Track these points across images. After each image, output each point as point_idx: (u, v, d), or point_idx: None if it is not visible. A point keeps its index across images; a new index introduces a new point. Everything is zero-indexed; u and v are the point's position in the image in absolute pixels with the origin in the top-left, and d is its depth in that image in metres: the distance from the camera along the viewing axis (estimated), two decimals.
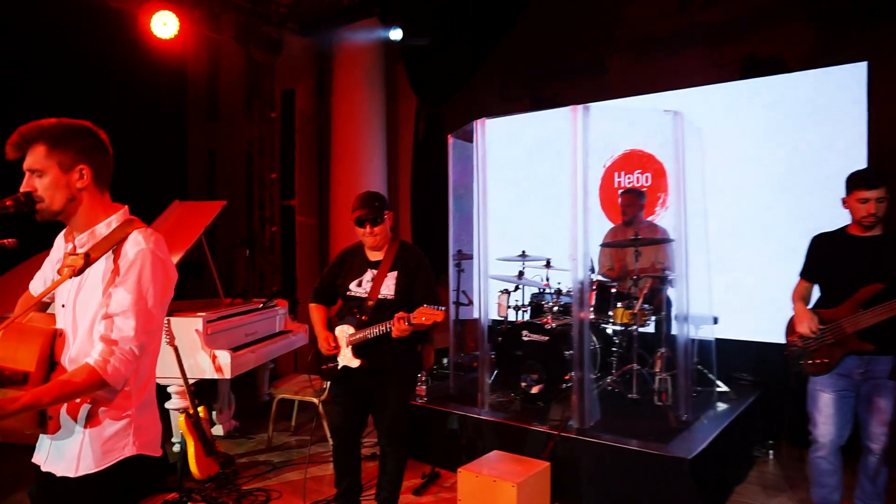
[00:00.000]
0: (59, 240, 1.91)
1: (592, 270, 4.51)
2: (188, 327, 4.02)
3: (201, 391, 4.11)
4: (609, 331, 4.52)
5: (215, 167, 8.87)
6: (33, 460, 1.80)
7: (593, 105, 3.71)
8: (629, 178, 5.47)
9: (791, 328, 3.06)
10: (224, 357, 4.02)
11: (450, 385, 4.73)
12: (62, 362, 1.72)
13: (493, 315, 4.80)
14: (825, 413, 2.97)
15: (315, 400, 4.39)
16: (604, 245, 4.87)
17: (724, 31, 5.81)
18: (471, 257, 4.99)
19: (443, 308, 2.70)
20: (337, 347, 3.11)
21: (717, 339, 4.54)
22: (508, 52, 6.79)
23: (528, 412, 4.06)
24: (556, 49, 6.85)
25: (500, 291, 4.93)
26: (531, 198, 5.92)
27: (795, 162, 4.63)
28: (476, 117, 6.51)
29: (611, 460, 3.46)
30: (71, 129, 1.72)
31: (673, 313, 4.31)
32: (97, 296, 1.69)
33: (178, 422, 3.79)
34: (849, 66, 4.41)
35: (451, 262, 5.00)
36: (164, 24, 5.41)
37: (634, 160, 5.45)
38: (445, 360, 5.37)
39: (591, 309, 4.20)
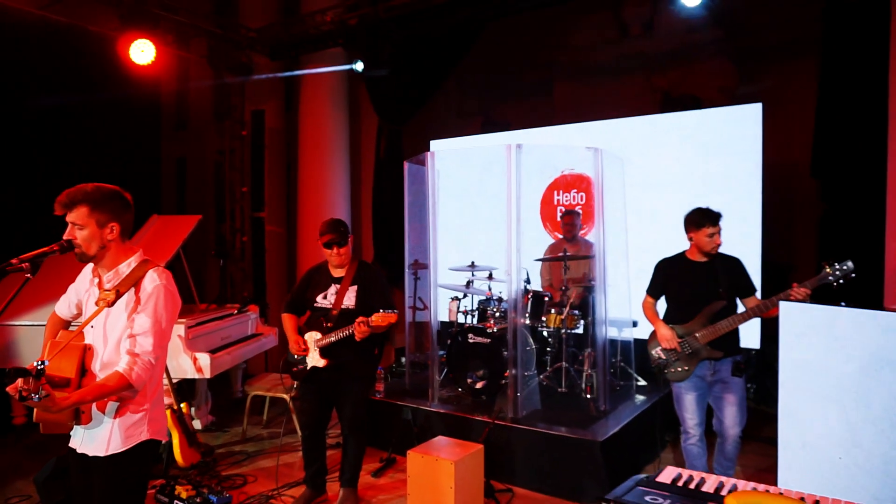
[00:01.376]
0: (87, 273, 2.45)
1: (528, 281, 5.15)
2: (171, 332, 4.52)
3: (181, 389, 4.61)
4: (545, 333, 5.17)
5: (185, 174, 9.27)
6: (70, 444, 2.33)
7: (532, 141, 4.34)
8: (567, 196, 6.14)
9: (653, 343, 3.61)
10: (204, 359, 4.54)
11: (405, 381, 5.33)
12: (92, 369, 2.27)
13: (444, 319, 5.41)
14: (690, 410, 3.55)
15: (286, 396, 4.92)
16: (537, 260, 5.49)
17: (653, 63, 6.46)
18: (426, 267, 5.59)
19: (396, 311, 3.31)
20: (306, 350, 3.68)
21: (638, 340, 5.23)
22: (464, 73, 7.35)
23: (473, 405, 4.68)
24: (507, 72, 7.41)
25: (451, 298, 5.54)
26: (482, 210, 6.53)
27: (703, 187, 5.36)
28: (433, 135, 7.14)
29: (538, 444, 4.11)
30: (107, 193, 2.28)
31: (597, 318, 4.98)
32: (122, 320, 2.26)
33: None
34: (748, 105, 5.15)
35: (408, 272, 5.58)
36: (142, 52, 5.83)
37: (570, 181, 6.12)
38: (403, 359, 5.95)
39: (527, 315, 4.84)
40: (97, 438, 2.24)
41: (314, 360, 3.63)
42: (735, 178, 5.16)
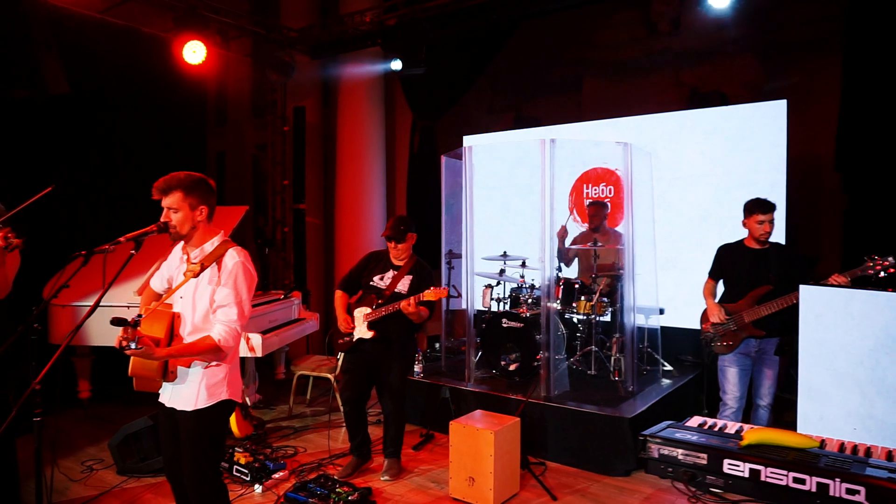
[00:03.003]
0: (177, 252, 2.77)
1: (559, 269, 5.41)
2: None
3: None
4: (574, 320, 5.43)
5: (224, 168, 9.66)
6: (160, 399, 2.66)
7: (563, 136, 4.59)
8: (595, 189, 6.37)
9: (704, 318, 4.02)
10: (256, 339, 4.88)
11: (441, 364, 5.63)
12: (180, 333, 2.60)
13: (479, 306, 5.70)
14: (731, 383, 3.93)
15: (329, 376, 5.25)
16: (567, 248, 5.74)
17: (680, 60, 6.63)
18: (459, 256, 5.88)
19: (446, 287, 3.64)
20: (353, 328, 4.00)
21: (666, 327, 5.46)
22: (496, 71, 7.58)
23: (506, 385, 4.96)
24: (538, 69, 7.63)
25: (485, 286, 5.81)
26: (512, 203, 6.79)
27: (727, 181, 5.56)
28: (466, 131, 7.40)
29: (569, 421, 4.37)
30: (196, 180, 2.59)
31: (625, 305, 5.22)
32: (207, 292, 2.56)
33: None
34: (773, 102, 5.33)
35: (443, 261, 5.86)
36: (194, 52, 6.19)
37: (599, 175, 6.36)
38: (437, 345, 6.25)
39: (558, 301, 5.10)
40: (185, 395, 2.56)
41: (361, 332, 3.97)
42: (759, 171, 5.35)
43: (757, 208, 3.80)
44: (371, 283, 4.07)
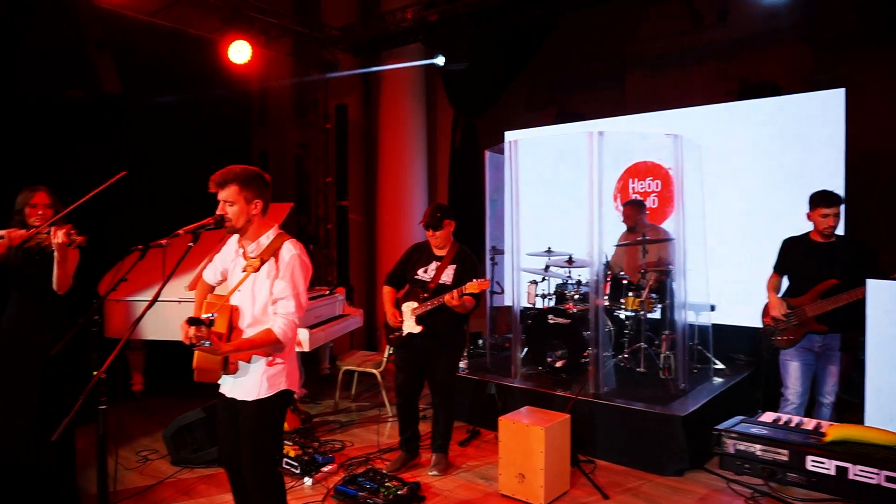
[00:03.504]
0: (232, 245, 2.80)
1: (607, 265, 5.32)
2: None
3: None
4: (622, 316, 5.34)
5: (267, 167, 9.81)
6: (220, 391, 2.69)
7: (608, 130, 4.51)
8: (642, 184, 6.25)
9: (765, 312, 3.90)
10: (304, 334, 4.92)
11: (486, 360, 5.60)
12: (239, 326, 2.62)
13: (524, 302, 5.64)
14: (793, 377, 3.82)
15: (375, 371, 5.27)
16: (617, 245, 5.65)
17: (727, 51, 6.47)
18: (503, 252, 5.83)
19: (488, 278, 3.61)
20: (401, 321, 4.00)
21: (718, 325, 5.31)
22: (537, 65, 7.52)
23: (553, 382, 4.90)
24: (579, 63, 7.54)
25: (529, 282, 5.75)
26: (556, 198, 6.71)
27: (781, 174, 5.38)
28: (507, 126, 7.36)
29: (619, 418, 4.29)
30: (252, 174, 2.62)
31: (676, 302, 5.10)
32: (266, 285, 2.59)
33: None
34: (829, 91, 5.14)
35: (487, 257, 5.82)
36: (239, 52, 6.30)
37: (646, 169, 6.23)
38: (481, 342, 6.22)
39: (606, 297, 5.02)
40: (246, 385, 2.60)
41: (410, 326, 3.96)
42: (815, 164, 5.17)
43: (821, 201, 3.67)
44: (416, 276, 4.05)
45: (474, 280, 3.63)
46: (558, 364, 5.01)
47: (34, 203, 3.34)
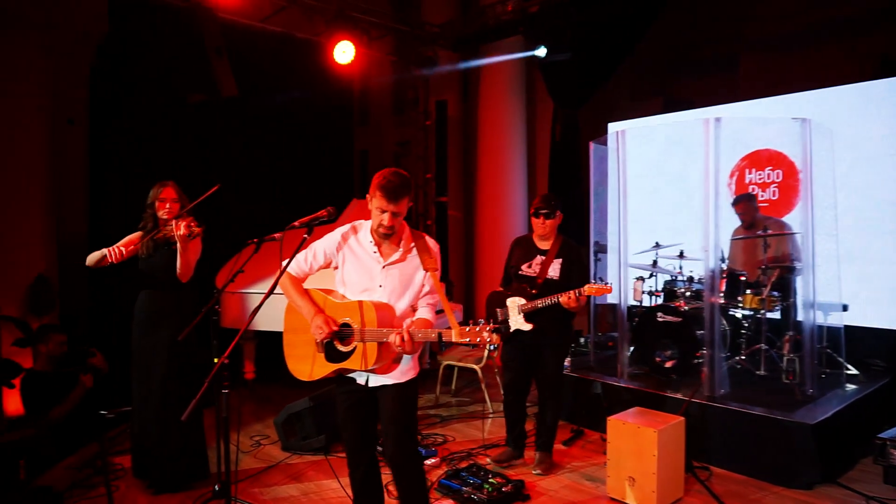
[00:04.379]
0: (336, 237, 2.77)
1: (723, 260, 4.98)
2: None
3: None
4: (738, 315, 4.98)
5: (367, 166, 10.06)
6: (358, 382, 2.67)
7: (725, 116, 4.21)
8: (760, 174, 5.81)
9: None
10: None
11: (590, 359, 5.42)
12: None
13: (630, 300, 5.40)
14: None
15: (475, 367, 5.23)
16: (735, 239, 5.28)
17: (857, 27, 5.88)
18: (606, 248, 5.63)
19: (610, 284, 3.46)
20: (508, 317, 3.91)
21: (851, 327, 4.85)
22: (641, 52, 7.20)
23: (661, 383, 4.65)
24: (687, 48, 7.13)
25: (636, 278, 5.51)
26: (663, 192, 6.40)
27: None
28: (610, 117, 7.10)
29: (738, 424, 4.00)
30: (409, 181, 2.61)
31: (800, 300, 4.70)
32: (417, 278, 2.63)
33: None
34: None
35: (591, 252, 5.63)
36: (344, 52, 6.47)
37: (765, 158, 5.79)
38: (583, 340, 6.04)
39: (722, 294, 4.70)
40: (397, 371, 2.66)
41: (518, 323, 3.86)
42: None
43: None
44: (520, 272, 3.96)
45: (594, 284, 3.50)
46: (668, 364, 4.75)
47: (163, 197, 3.62)
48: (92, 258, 3.54)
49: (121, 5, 5.49)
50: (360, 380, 2.67)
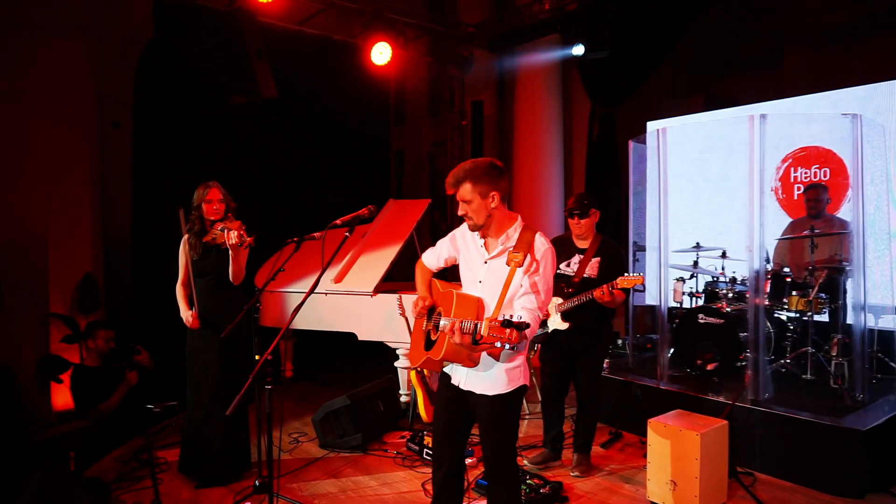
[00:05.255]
0: (464, 232, 2.64)
1: (768, 261, 4.85)
2: None
3: None
4: (783, 317, 4.84)
5: (403, 166, 10.10)
6: (452, 382, 2.56)
7: (771, 112, 4.10)
8: (806, 173, 5.64)
9: None
10: None
11: (628, 361, 5.34)
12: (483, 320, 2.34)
13: (670, 300, 5.31)
14: None
15: None
16: (781, 239, 5.14)
17: None
18: (644, 248, 5.53)
19: (641, 274, 3.40)
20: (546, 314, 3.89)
21: None
22: (681, 50, 7.06)
23: (703, 386, 4.55)
24: (729, 45, 6.96)
25: (675, 279, 5.41)
26: (703, 193, 6.27)
27: None
28: (649, 116, 6.99)
29: (784, 429, 3.88)
30: (483, 167, 2.42)
31: (849, 302, 4.54)
32: (517, 278, 2.37)
33: (409, 377, 4.81)
34: None
35: (630, 252, 5.55)
36: (381, 53, 6.51)
37: (812, 155, 5.62)
38: (620, 342, 5.95)
39: (766, 296, 4.57)
40: (486, 380, 2.48)
41: (555, 322, 3.83)
42: None
43: None
44: (558, 271, 3.92)
45: (626, 275, 3.44)
46: (709, 367, 4.64)
47: (209, 199, 3.71)
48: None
49: (166, 10, 5.63)
50: (454, 379, 2.58)
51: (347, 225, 2.68)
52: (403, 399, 5.09)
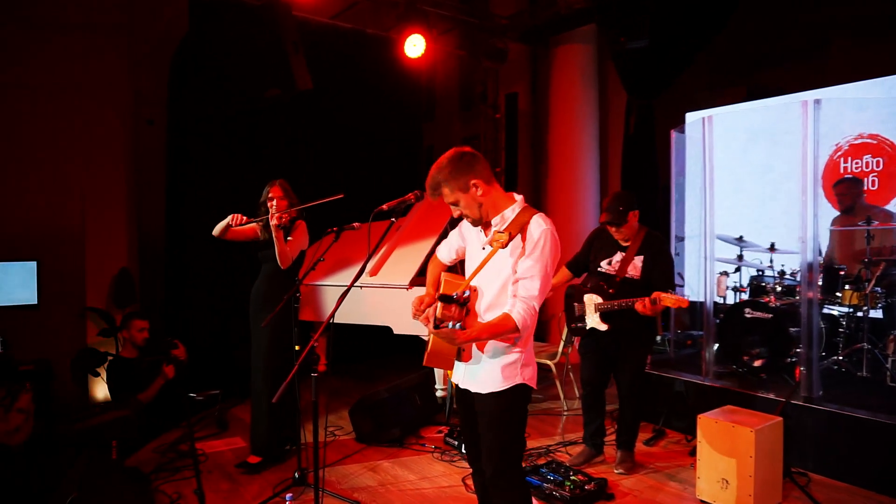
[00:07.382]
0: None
1: (820, 253, 4.67)
2: None
3: None
4: (835, 312, 4.66)
5: (431, 162, 10.04)
6: (453, 380, 2.49)
7: (825, 97, 3.93)
8: (857, 163, 5.43)
9: None
10: None
11: (670, 356, 5.19)
12: (475, 310, 2.30)
13: (715, 295, 5.14)
14: None
15: (549, 362, 5.10)
16: (833, 229, 4.94)
17: None
18: (683, 240, 5.38)
19: (688, 298, 3.23)
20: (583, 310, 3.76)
21: None
22: (722, 39, 6.86)
23: (749, 382, 4.40)
24: (773, 34, 6.78)
25: (719, 273, 5.24)
26: (746, 184, 6.08)
27: None
28: (687, 107, 6.81)
29: (839, 428, 3.72)
30: (452, 163, 2.27)
31: None
32: (509, 263, 2.22)
33: (445, 371, 4.74)
34: None
35: (673, 244, 5.39)
36: (414, 45, 6.44)
37: (863, 145, 5.40)
38: (659, 338, 5.79)
39: (818, 290, 4.39)
40: (478, 377, 2.33)
41: (594, 321, 3.69)
42: None
43: None
44: (599, 268, 3.78)
45: (671, 294, 3.23)
46: (757, 363, 4.48)
47: (271, 196, 3.87)
48: (217, 228, 3.79)
49: (201, 5, 5.64)
50: (454, 377, 2.47)
51: (393, 211, 2.60)
52: (440, 394, 5.01)
